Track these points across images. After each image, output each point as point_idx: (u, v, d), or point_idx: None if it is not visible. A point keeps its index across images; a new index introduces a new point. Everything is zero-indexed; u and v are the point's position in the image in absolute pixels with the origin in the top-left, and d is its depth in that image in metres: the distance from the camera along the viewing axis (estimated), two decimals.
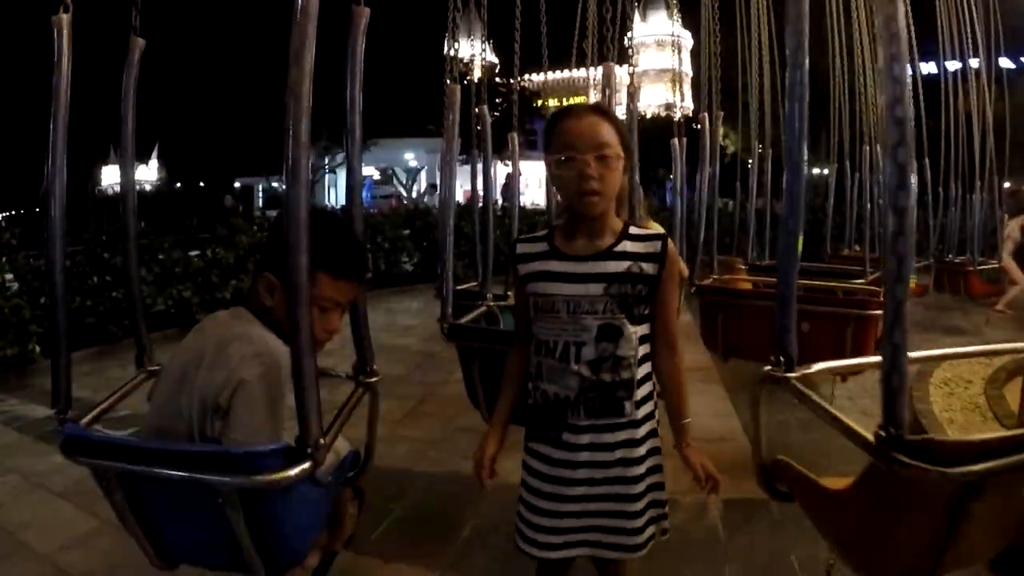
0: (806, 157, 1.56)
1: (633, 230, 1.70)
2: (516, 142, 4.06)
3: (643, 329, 1.68)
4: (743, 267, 5.60)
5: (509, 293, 3.90)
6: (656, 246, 1.66)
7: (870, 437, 1.28)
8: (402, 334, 7.46)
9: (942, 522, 1.32)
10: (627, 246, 1.66)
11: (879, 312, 3.39)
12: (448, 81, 3.25)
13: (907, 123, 1.20)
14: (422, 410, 4.80)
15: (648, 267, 1.65)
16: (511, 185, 4.43)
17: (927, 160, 7.20)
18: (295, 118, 1.35)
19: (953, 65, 7.82)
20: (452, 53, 3.42)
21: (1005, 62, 9.01)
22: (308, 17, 1.37)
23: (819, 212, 8.65)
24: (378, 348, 2.10)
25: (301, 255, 1.38)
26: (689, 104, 22.90)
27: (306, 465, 1.43)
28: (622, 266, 1.64)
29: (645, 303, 1.67)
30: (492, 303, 3.65)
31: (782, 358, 1.63)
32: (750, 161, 7.25)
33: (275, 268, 1.69)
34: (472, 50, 6.55)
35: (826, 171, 7.71)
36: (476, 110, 3.95)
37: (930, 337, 6.68)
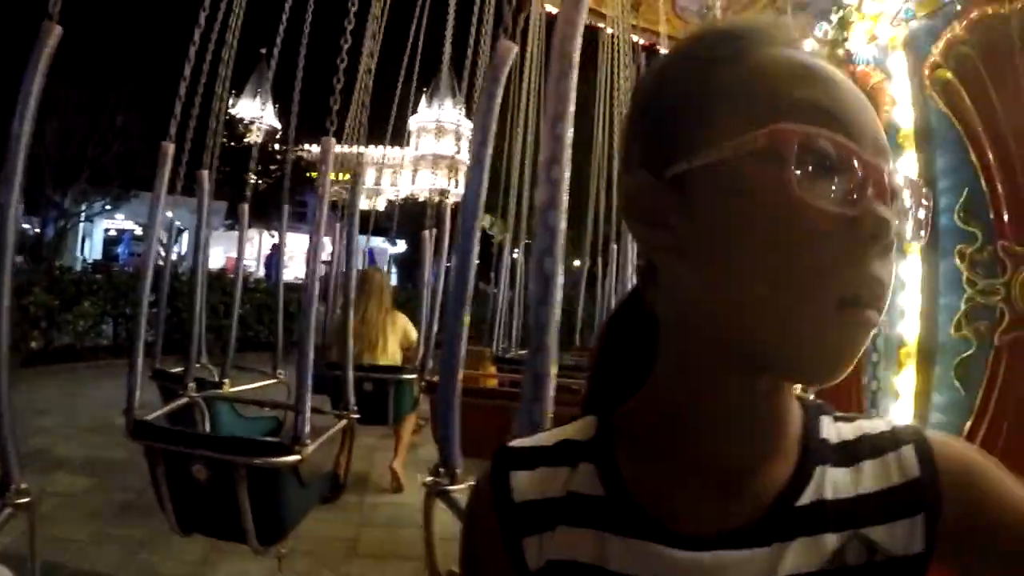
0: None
1: (833, 430, 0.55)
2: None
3: None
4: (489, 360, 5.54)
5: (225, 381, 3.57)
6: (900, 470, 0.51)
7: None
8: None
9: None
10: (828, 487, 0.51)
11: None
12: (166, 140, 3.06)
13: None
14: (139, 504, 4.16)
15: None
16: (274, 256, 4.29)
17: None
18: None
19: None
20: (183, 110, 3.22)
21: None
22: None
23: (572, 302, 9.14)
24: (102, 426, 1.80)
25: None
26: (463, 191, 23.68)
27: None
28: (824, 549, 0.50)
29: None
30: (196, 395, 3.28)
31: (443, 469, 1.55)
32: (516, 252, 7.49)
33: None
34: (256, 111, 6.33)
35: (577, 263, 8.20)
36: (197, 174, 3.69)
37: None
